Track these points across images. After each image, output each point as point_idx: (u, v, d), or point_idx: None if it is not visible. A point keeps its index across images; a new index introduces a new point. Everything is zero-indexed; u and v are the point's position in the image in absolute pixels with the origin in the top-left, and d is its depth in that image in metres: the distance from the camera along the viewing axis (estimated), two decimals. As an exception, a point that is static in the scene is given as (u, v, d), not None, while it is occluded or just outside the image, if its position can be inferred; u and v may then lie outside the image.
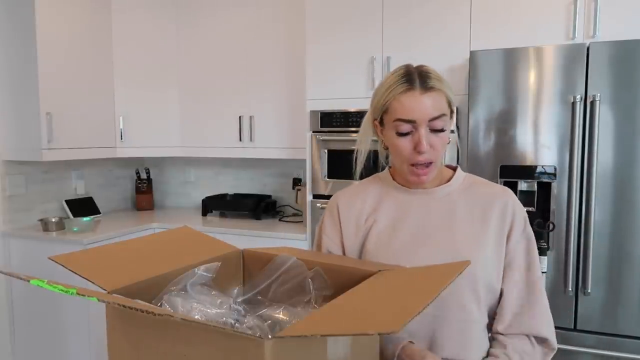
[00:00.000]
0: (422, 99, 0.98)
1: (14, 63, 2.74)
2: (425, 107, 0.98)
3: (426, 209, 1.08)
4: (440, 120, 0.99)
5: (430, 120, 0.99)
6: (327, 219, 1.17)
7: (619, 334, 1.96)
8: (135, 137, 3.25)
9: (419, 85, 0.99)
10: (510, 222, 1.05)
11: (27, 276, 0.68)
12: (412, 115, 0.98)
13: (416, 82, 0.99)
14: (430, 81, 0.99)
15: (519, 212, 1.06)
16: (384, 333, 0.56)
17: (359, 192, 1.16)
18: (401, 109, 0.99)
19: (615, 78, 1.92)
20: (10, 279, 2.85)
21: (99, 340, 2.65)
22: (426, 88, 0.98)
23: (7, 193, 2.84)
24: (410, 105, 0.98)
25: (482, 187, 1.11)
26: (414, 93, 0.98)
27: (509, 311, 1.03)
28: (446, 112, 1.01)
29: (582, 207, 1.99)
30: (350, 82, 2.59)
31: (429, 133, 1.00)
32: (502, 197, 1.07)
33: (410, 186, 1.11)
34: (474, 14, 2.32)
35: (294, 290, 0.93)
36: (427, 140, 0.99)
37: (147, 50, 3.24)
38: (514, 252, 1.05)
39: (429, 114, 0.98)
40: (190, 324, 0.63)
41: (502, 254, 1.05)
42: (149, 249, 0.99)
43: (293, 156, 3.01)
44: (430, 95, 0.98)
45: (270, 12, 3.01)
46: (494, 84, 2.10)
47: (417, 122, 0.99)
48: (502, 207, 1.06)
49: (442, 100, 1.00)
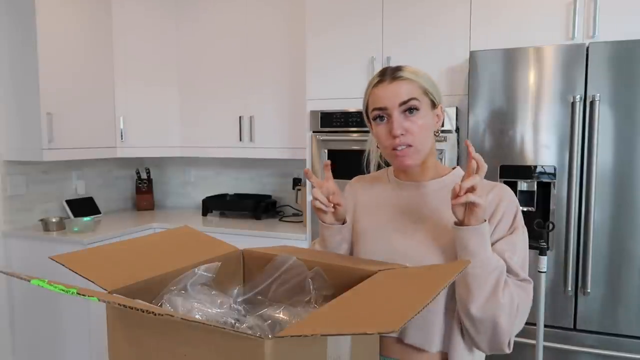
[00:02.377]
0: (390, 87, 1.05)
1: (15, 63, 2.74)
2: (393, 94, 1.04)
3: (415, 200, 1.12)
4: (410, 103, 1.04)
5: (400, 104, 1.04)
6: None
7: (619, 334, 1.96)
8: (136, 137, 3.25)
9: (388, 76, 1.07)
10: (499, 219, 1.03)
11: (28, 276, 0.68)
12: (382, 103, 1.05)
13: (386, 74, 1.07)
14: (400, 72, 1.06)
15: (510, 208, 1.04)
16: (384, 332, 0.57)
17: (367, 182, 1.25)
18: (374, 99, 1.08)
19: (614, 78, 1.92)
20: (11, 279, 2.85)
21: (99, 340, 2.65)
22: (394, 78, 1.06)
23: (7, 193, 2.84)
24: (380, 94, 1.06)
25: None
26: (383, 84, 1.06)
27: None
28: (418, 97, 1.05)
29: (581, 207, 1.99)
30: (350, 82, 2.60)
31: (402, 118, 1.05)
32: (494, 193, 1.06)
33: (404, 179, 1.16)
34: (474, 14, 2.32)
35: (294, 290, 0.93)
36: (399, 124, 1.04)
37: (147, 50, 3.25)
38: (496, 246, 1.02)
39: (398, 99, 1.04)
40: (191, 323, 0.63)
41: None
42: (149, 248, 0.99)
43: (293, 156, 3.01)
44: (399, 84, 1.05)
45: (271, 12, 3.01)
46: (493, 84, 2.10)
47: (389, 109, 1.05)
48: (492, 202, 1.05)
49: (413, 88, 1.05)
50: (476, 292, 0.95)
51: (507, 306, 0.95)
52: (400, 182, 1.16)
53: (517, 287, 0.98)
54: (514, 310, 0.96)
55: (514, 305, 0.96)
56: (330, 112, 2.62)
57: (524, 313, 0.99)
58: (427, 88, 1.07)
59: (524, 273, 1.01)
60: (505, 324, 0.95)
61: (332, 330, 0.60)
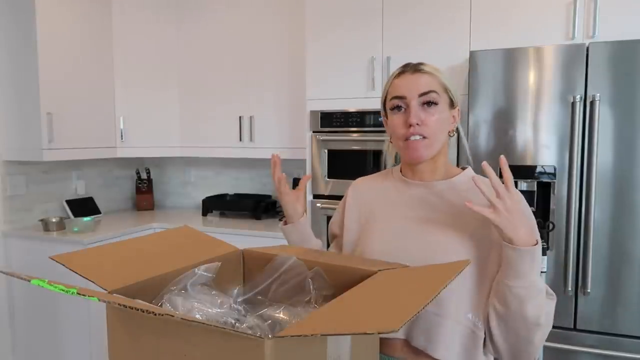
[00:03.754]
0: (411, 78, 1.06)
1: (15, 63, 2.74)
2: (414, 84, 1.05)
3: (421, 201, 1.10)
4: (430, 95, 1.05)
5: (420, 95, 1.05)
6: (343, 200, 1.27)
7: (619, 334, 1.96)
8: (136, 137, 3.25)
9: (410, 68, 1.08)
10: None
11: (28, 276, 0.68)
12: (402, 92, 1.06)
13: (409, 66, 1.09)
14: (422, 66, 1.08)
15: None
16: (384, 332, 0.57)
17: (372, 182, 1.23)
18: (393, 89, 1.09)
19: (614, 78, 1.92)
20: (10, 279, 2.85)
21: (99, 340, 2.65)
22: (417, 70, 1.07)
23: (7, 193, 2.84)
24: (400, 83, 1.07)
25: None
26: (405, 74, 1.08)
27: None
28: (438, 91, 1.05)
29: (581, 207, 1.99)
30: (350, 82, 2.60)
31: (420, 109, 1.05)
32: None
33: (411, 178, 1.14)
34: (474, 14, 2.32)
35: (294, 290, 0.93)
36: (416, 114, 1.04)
37: (147, 50, 3.25)
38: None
39: (418, 90, 1.05)
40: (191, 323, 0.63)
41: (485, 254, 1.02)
42: (149, 248, 0.99)
43: (293, 156, 3.01)
44: (422, 76, 1.06)
45: (271, 12, 3.01)
46: (493, 84, 2.10)
47: (408, 98, 1.05)
48: None
49: (435, 82, 1.06)
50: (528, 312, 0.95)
51: (544, 327, 0.96)
52: (408, 182, 1.14)
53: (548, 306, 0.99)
54: (547, 330, 0.98)
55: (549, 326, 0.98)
56: (330, 112, 2.62)
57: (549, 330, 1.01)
58: (448, 86, 1.07)
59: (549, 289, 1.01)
60: (538, 343, 0.97)
61: (332, 330, 0.60)
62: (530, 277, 0.92)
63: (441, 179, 1.11)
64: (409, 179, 1.14)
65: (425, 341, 1.01)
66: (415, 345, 1.02)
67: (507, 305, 0.95)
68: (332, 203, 2.60)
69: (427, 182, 1.11)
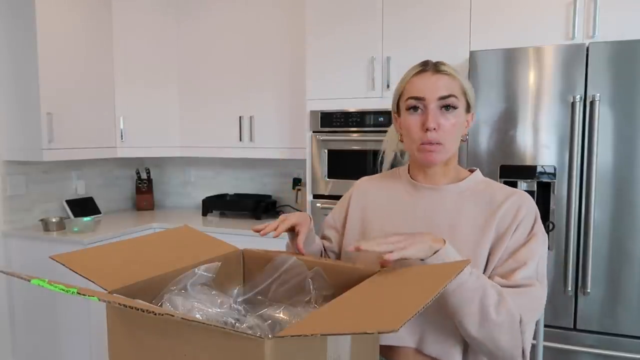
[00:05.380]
0: (432, 79, 1.02)
1: (15, 63, 2.74)
2: (434, 86, 1.01)
3: (431, 205, 1.08)
4: (450, 99, 1.01)
5: (440, 98, 1.01)
6: (343, 198, 1.25)
7: (619, 334, 1.96)
8: (136, 137, 3.25)
9: (431, 68, 1.03)
10: (517, 224, 1.00)
11: (28, 276, 0.68)
12: (421, 93, 1.02)
13: (429, 65, 1.04)
14: (443, 67, 1.03)
15: (529, 215, 1.01)
16: (384, 332, 0.57)
17: (378, 182, 1.21)
18: (412, 88, 1.04)
19: (614, 78, 1.92)
20: (10, 279, 2.85)
21: (99, 340, 2.65)
22: (438, 70, 1.03)
23: (7, 193, 2.84)
24: (420, 83, 1.03)
25: (497, 190, 1.07)
26: (425, 74, 1.03)
27: None
28: (458, 95, 1.02)
29: (581, 207, 1.99)
30: (350, 82, 2.60)
31: (438, 113, 1.02)
32: (513, 200, 1.03)
33: (421, 181, 1.12)
34: (474, 14, 2.32)
35: (294, 290, 0.93)
36: (434, 118, 1.01)
37: (147, 50, 3.25)
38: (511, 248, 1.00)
39: (438, 92, 1.01)
40: (191, 323, 0.63)
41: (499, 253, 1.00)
42: (149, 248, 0.99)
43: (293, 156, 3.01)
44: (442, 77, 1.02)
45: (271, 12, 3.01)
46: (493, 84, 2.10)
47: (427, 100, 1.01)
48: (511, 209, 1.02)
49: (455, 85, 1.02)
50: (465, 318, 0.91)
51: (507, 324, 0.91)
52: (416, 184, 1.12)
53: (517, 296, 0.93)
54: (517, 326, 0.92)
55: (515, 321, 0.92)
56: (330, 112, 2.62)
57: (531, 320, 0.94)
58: (467, 90, 1.04)
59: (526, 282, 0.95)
60: (507, 343, 0.92)
61: (332, 330, 0.60)
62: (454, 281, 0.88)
63: (451, 182, 1.09)
64: (418, 181, 1.12)
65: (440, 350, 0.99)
66: (429, 354, 1.00)
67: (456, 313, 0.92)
68: (332, 203, 2.60)
69: (437, 186, 1.09)
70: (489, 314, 0.90)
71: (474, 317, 0.91)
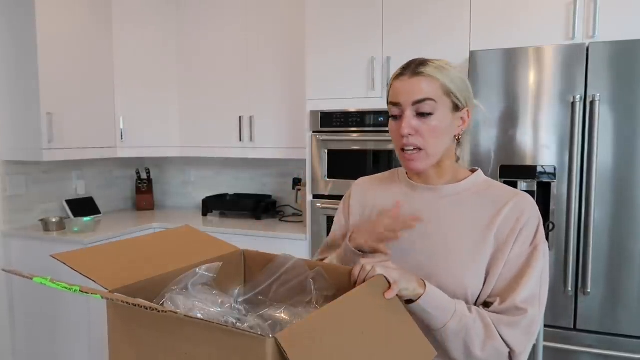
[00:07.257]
0: (408, 82, 0.99)
1: (15, 63, 2.74)
2: (409, 90, 0.99)
3: (429, 206, 1.07)
4: (425, 104, 0.98)
5: (414, 103, 0.98)
6: (343, 201, 1.24)
7: (619, 334, 1.96)
8: (136, 137, 3.25)
9: (410, 70, 1.00)
10: (518, 232, 0.98)
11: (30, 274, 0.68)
12: (397, 98, 1.01)
13: (409, 68, 1.01)
14: (422, 68, 0.99)
15: (531, 222, 0.99)
16: None
17: (376, 183, 1.20)
18: (392, 93, 1.03)
19: (615, 78, 1.92)
20: (11, 278, 2.85)
21: (99, 340, 2.65)
22: (415, 73, 0.99)
23: (7, 193, 2.84)
24: (397, 88, 1.01)
25: (498, 191, 1.05)
26: (403, 78, 1.01)
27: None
28: (436, 97, 0.98)
29: (581, 207, 1.99)
30: (350, 82, 2.60)
31: (414, 118, 0.99)
32: (514, 203, 1.01)
33: (417, 181, 1.11)
34: (474, 14, 2.32)
35: (295, 291, 0.93)
36: (409, 124, 0.99)
37: (147, 50, 3.25)
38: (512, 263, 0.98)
39: (412, 97, 0.98)
40: (193, 322, 0.63)
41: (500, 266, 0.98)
42: (150, 248, 0.99)
43: (293, 156, 3.01)
44: (418, 80, 0.98)
45: (271, 12, 3.01)
46: (493, 84, 2.10)
47: (402, 105, 1.00)
48: (512, 214, 1.00)
49: (433, 86, 0.98)
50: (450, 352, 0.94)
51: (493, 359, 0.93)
52: (413, 185, 1.10)
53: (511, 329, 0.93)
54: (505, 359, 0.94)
55: (503, 355, 0.94)
56: (330, 112, 2.62)
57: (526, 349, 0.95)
58: (451, 89, 0.99)
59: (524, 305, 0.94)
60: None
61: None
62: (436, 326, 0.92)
63: (448, 182, 1.07)
64: (415, 182, 1.11)
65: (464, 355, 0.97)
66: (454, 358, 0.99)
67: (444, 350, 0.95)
68: (332, 203, 2.60)
69: (434, 187, 1.07)
70: (474, 352, 0.92)
71: (458, 353, 0.94)
